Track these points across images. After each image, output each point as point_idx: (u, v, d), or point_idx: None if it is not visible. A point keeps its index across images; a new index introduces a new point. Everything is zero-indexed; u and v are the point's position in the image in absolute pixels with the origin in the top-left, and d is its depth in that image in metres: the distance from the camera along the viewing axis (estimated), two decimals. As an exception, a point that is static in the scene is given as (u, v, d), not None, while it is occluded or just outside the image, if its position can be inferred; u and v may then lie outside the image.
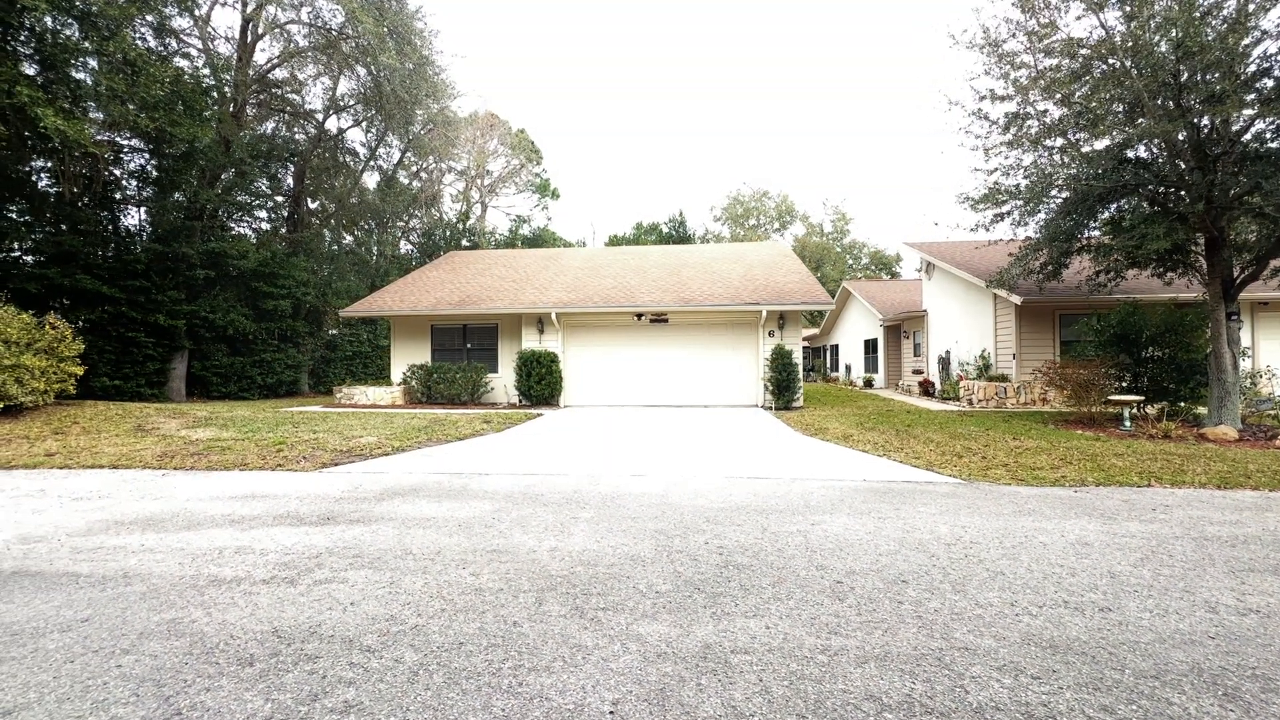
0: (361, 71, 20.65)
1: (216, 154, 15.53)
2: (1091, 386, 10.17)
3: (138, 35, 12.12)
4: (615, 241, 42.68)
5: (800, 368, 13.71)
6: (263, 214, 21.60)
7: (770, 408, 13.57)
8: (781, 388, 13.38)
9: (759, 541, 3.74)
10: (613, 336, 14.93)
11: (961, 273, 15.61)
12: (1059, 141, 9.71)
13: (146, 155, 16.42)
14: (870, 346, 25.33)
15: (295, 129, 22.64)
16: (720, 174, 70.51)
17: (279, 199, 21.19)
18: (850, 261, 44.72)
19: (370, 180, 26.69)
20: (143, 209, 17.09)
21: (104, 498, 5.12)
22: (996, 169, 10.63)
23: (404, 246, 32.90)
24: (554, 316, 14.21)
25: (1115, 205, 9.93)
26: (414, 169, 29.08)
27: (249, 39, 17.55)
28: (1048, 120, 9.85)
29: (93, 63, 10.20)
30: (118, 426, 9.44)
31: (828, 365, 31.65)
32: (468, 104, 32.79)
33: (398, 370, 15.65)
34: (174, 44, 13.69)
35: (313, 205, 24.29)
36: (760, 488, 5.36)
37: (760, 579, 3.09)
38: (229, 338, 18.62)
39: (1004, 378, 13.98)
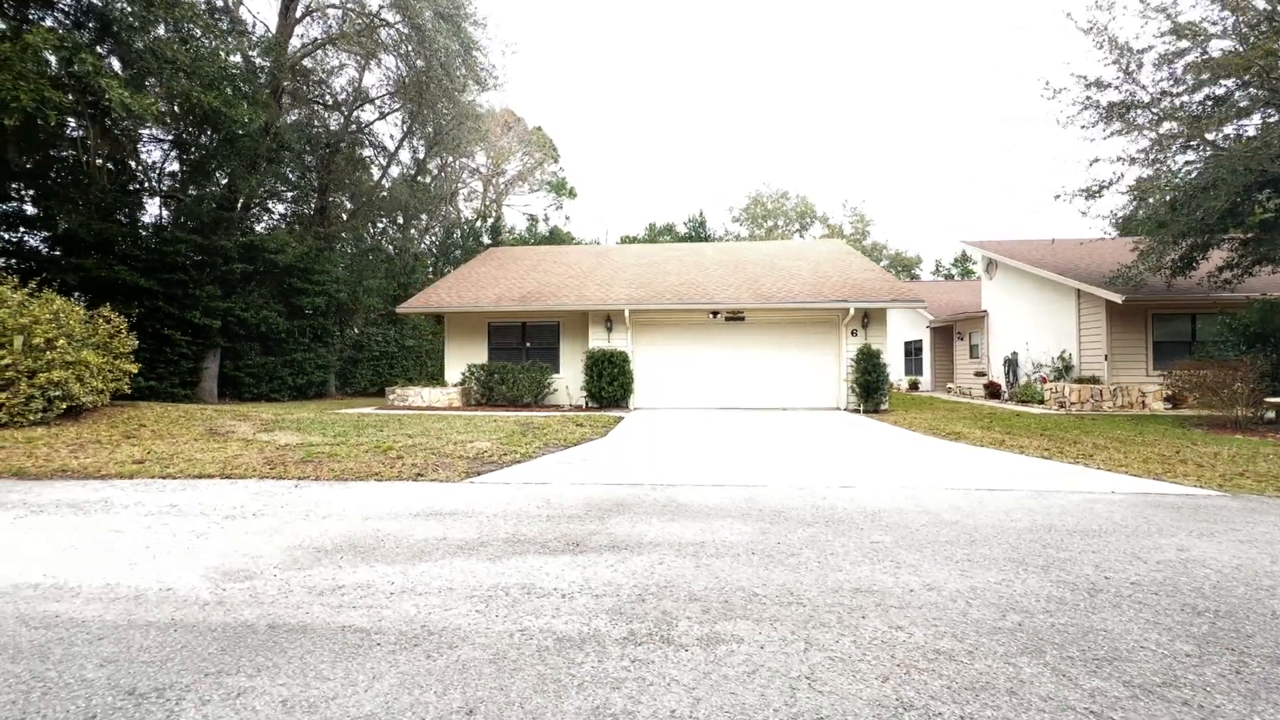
0: (393, 62, 19.80)
1: (258, 140, 14.61)
2: (1225, 387, 9.60)
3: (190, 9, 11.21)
4: (628, 243, 41.88)
5: (886, 369, 13.06)
6: (289, 207, 20.61)
7: (857, 410, 12.89)
8: (870, 389, 12.71)
9: (1174, 578, 3.02)
10: (683, 335, 14.19)
11: (1040, 271, 15.06)
12: (1226, 130, 9.09)
13: (191, 139, 15.46)
14: (912, 349, 24.79)
15: (321, 119, 21.69)
16: (732, 176, 70.07)
17: (308, 191, 20.22)
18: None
19: (393, 175, 25.76)
20: (179, 197, 16.09)
21: (259, 515, 4.29)
22: (1128, 159, 10.06)
23: (421, 244, 31.95)
24: (626, 314, 13.44)
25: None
26: (438, 165, 28.17)
27: (289, 19, 16.63)
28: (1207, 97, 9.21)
29: (159, 31, 9.27)
30: (188, 430, 8.53)
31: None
32: (488, 99, 31.89)
33: (453, 371, 14.79)
34: (223, 22, 12.76)
35: (337, 199, 23.34)
36: (1005, 502, 4.64)
37: None
38: (261, 336, 17.65)
39: (1095, 380, 13.41)
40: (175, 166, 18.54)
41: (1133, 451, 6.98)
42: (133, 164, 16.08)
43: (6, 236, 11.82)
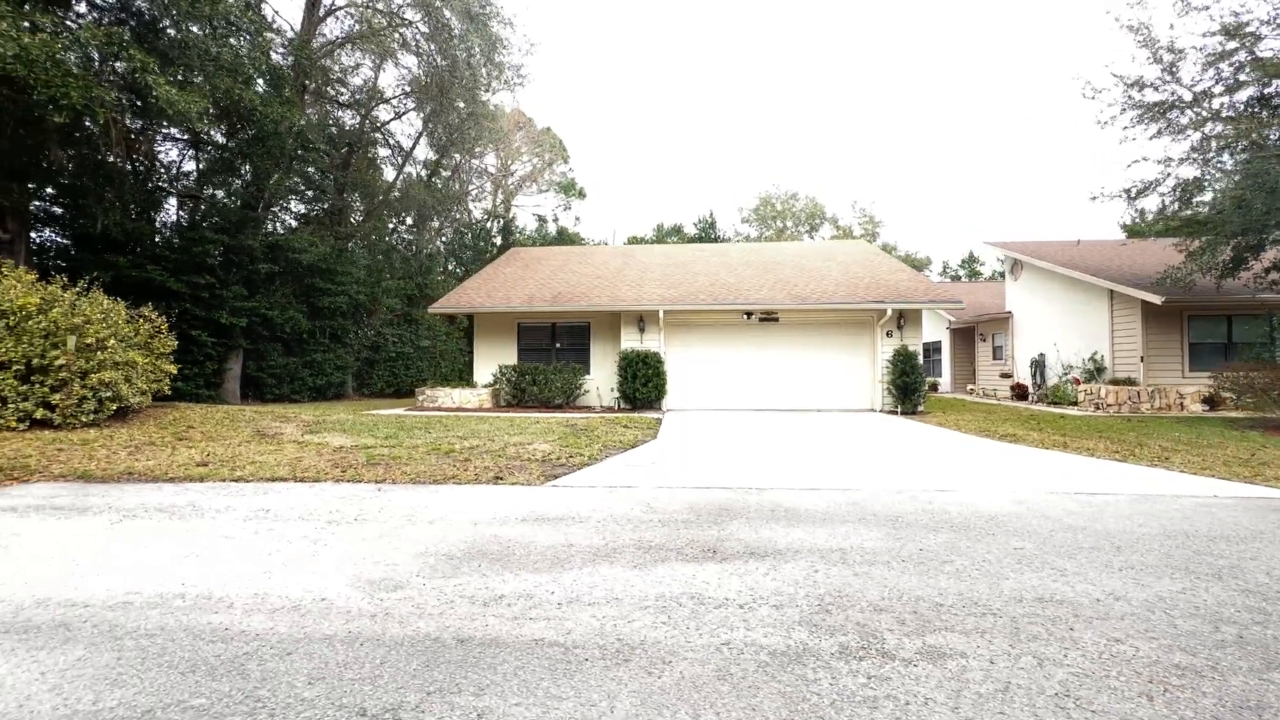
0: (412, 61, 19.69)
1: (284, 139, 14.49)
2: (1276, 389, 9.54)
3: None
4: (635, 244, 41.75)
5: (922, 370, 12.98)
6: (309, 207, 20.48)
7: (894, 411, 12.81)
8: (907, 391, 12.63)
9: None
10: (715, 336, 14.09)
11: (1071, 272, 15.00)
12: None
13: (209, 138, 15.32)
14: (930, 350, 24.73)
15: (335, 119, 21.55)
16: (740, 177, 70.00)
17: (327, 191, 20.08)
18: (875, 265, 44.20)
19: (408, 175, 25.61)
20: (197, 196, 15.94)
21: (361, 520, 4.17)
22: (1176, 159, 10.01)
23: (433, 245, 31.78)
24: (660, 315, 13.34)
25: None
26: (452, 165, 28.03)
27: (314, 18, 16.50)
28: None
29: (193, 28, 9.13)
30: (235, 432, 8.39)
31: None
32: (500, 99, 31.77)
33: (482, 372, 14.66)
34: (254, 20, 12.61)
35: (352, 199, 23.19)
36: (1119, 506, 4.55)
37: None
38: (283, 337, 17.50)
39: (1130, 381, 13.35)
40: (191, 166, 18.44)
41: (1207, 454, 6.90)
42: (152, 163, 15.95)
43: (37, 236, 11.64)
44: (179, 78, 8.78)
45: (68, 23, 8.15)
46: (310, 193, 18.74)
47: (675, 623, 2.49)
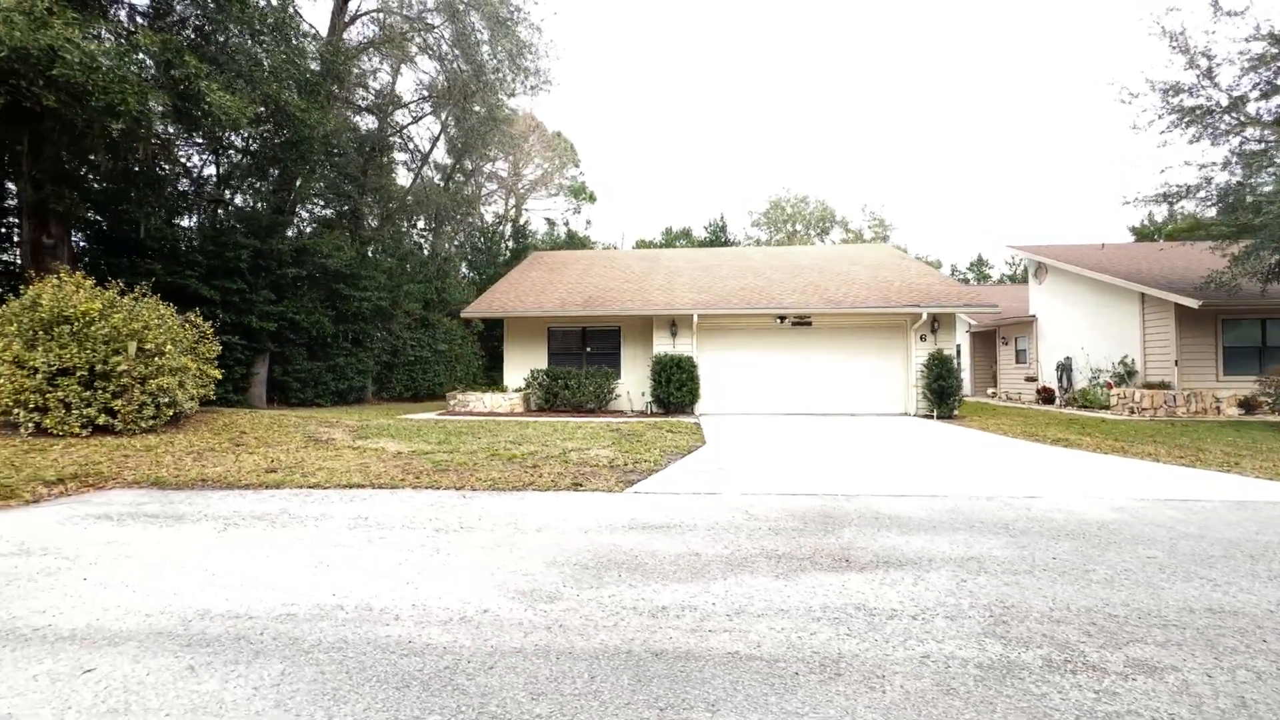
0: (434, 65, 19.74)
1: (315, 142, 14.50)
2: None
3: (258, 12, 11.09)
4: (643, 247, 41.71)
5: (958, 374, 12.96)
6: (333, 209, 20.51)
7: (929, 415, 12.78)
8: (943, 395, 12.61)
9: None
10: (747, 340, 14.08)
11: (1101, 275, 14.99)
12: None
13: (228, 142, 15.33)
14: (948, 353, 24.67)
15: (355, 122, 21.58)
16: (748, 180, 69.66)
17: (349, 194, 20.10)
18: (884, 268, 44.20)
19: (425, 178, 25.64)
20: (221, 201, 15.95)
21: (466, 529, 4.14)
22: (1218, 163, 10.03)
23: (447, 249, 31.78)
24: (694, 319, 13.33)
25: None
26: (468, 169, 28.07)
27: (340, 23, 16.53)
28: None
29: (234, 31, 9.15)
30: (288, 437, 8.35)
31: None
32: (515, 103, 31.83)
33: (513, 376, 14.64)
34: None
35: (370, 202, 23.20)
36: (1222, 513, 4.52)
37: None
38: (309, 341, 17.48)
39: (1165, 385, 13.33)
40: (211, 171, 18.46)
41: (1273, 459, 6.88)
42: (185, 169, 15.97)
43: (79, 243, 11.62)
44: (227, 83, 8.77)
45: (131, 32, 8.14)
46: (332, 196, 18.75)
47: (858, 634, 2.46)
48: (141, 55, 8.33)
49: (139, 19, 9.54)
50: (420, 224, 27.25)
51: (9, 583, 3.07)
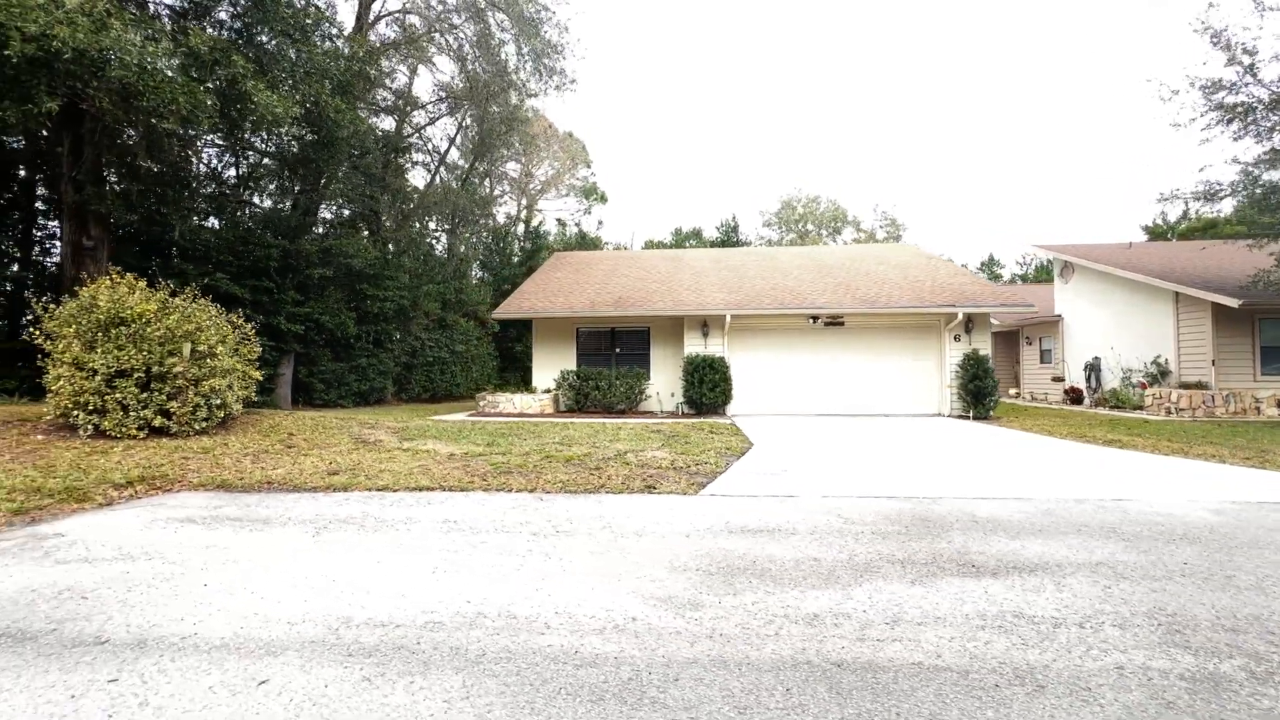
0: (454, 67, 19.73)
1: (344, 142, 14.48)
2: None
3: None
4: (653, 247, 41.63)
5: (995, 374, 12.86)
6: (354, 209, 20.50)
7: (964, 416, 12.68)
8: (979, 395, 12.50)
9: None
10: (779, 340, 14.00)
11: (1133, 274, 14.87)
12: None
13: (247, 143, 15.31)
14: (968, 353, 24.54)
15: (374, 123, 21.57)
16: (759, 180, 69.29)
17: (374, 194, 20.10)
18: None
19: (442, 178, 25.62)
20: (244, 202, 15.94)
21: (563, 533, 4.06)
22: (1266, 161, 9.93)
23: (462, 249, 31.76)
24: (726, 319, 13.25)
25: None
26: (485, 169, 28.06)
27: (364, 24, 16.52)
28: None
29: (275, 30, 9.10)
30: (336, 439, 8.30)
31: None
32: (530, 104, 31.79)
33: (542, 376, 14.59)
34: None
35: (389, 202, 23.20)
36: (1331, 515, 4.43)
37: None
38: (333, 342, 17.46)
39: (1201, 385, 13.21)
40: (231, 172, 18.46)
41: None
42: (200, 168, 15.97)
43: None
44: (270, 83, 8.74)
45: (181, 32, 8.10)
46: (354, 196, 18.75)
47: (1034, 644, 2.38)
48: (190, 55, 8.28)
49: (181, 19, 9.50)
50: (432, 224, 27.24)
51: (129, 589, 3.01)
